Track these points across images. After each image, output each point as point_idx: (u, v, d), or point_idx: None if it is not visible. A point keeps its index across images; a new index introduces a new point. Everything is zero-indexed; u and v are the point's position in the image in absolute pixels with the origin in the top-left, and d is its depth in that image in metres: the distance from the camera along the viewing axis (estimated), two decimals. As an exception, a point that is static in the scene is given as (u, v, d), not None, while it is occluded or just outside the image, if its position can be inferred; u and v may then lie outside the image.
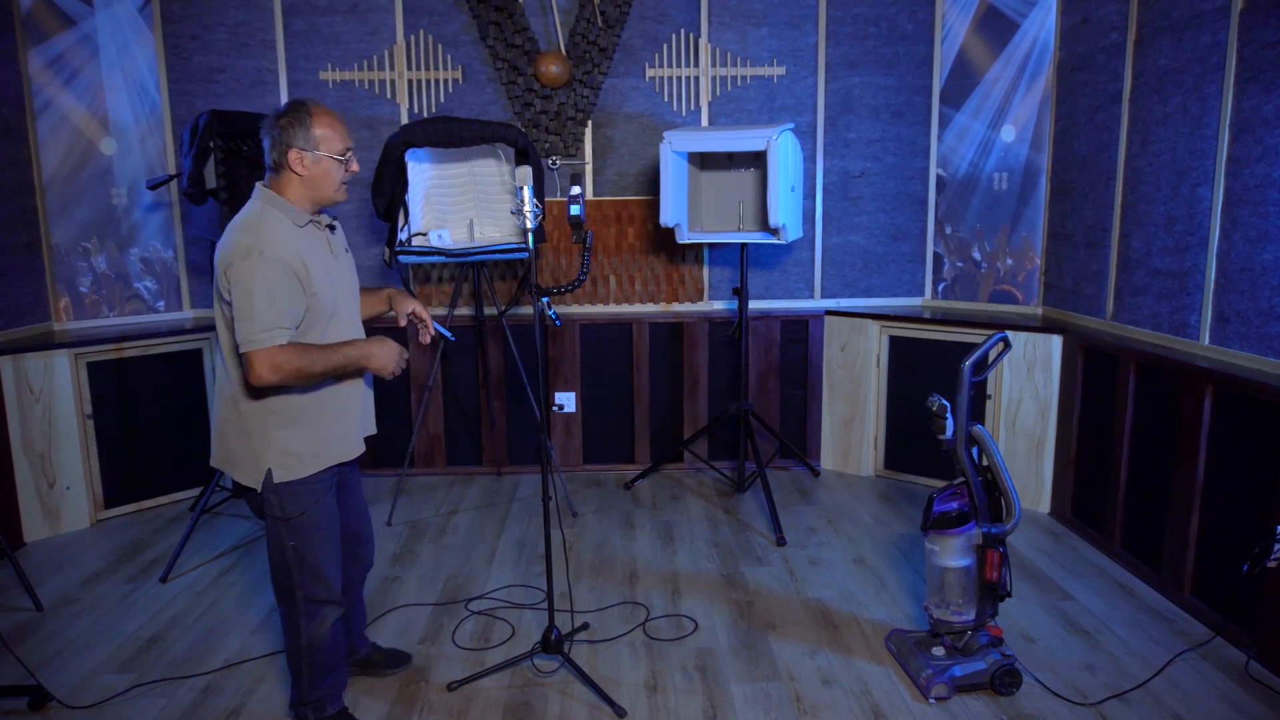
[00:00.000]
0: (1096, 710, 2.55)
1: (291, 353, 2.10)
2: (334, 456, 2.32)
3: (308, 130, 2.15)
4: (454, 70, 4.54)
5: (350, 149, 2.24)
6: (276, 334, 2.08)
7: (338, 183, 2.22)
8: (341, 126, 2.22)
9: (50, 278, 4.26)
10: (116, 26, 4.32)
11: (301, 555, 2.28)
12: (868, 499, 4.29)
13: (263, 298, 2.06)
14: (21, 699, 2.60)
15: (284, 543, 2.27)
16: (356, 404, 2.38)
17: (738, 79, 4.59)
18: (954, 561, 2.63)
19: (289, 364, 2.09)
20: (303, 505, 2.26)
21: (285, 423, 2.22)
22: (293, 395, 2.22)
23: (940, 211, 4.62)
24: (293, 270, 2.11)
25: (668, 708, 2.59)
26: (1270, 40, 2.88)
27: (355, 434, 2.40)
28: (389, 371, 2.28)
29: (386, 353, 2.27)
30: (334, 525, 2.35)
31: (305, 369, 2.12)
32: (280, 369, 2.08)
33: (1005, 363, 4.07)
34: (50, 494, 3.93)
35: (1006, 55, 4.29)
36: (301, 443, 2.24)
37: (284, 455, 2.22)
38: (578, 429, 4.74)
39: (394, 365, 2.29)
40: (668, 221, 3.96)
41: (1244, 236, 3.01)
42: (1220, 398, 2.97)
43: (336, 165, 2.20)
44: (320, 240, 2.26)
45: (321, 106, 2.21)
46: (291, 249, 2.13)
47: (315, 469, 2.27)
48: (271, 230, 2.12)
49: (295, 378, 2.12)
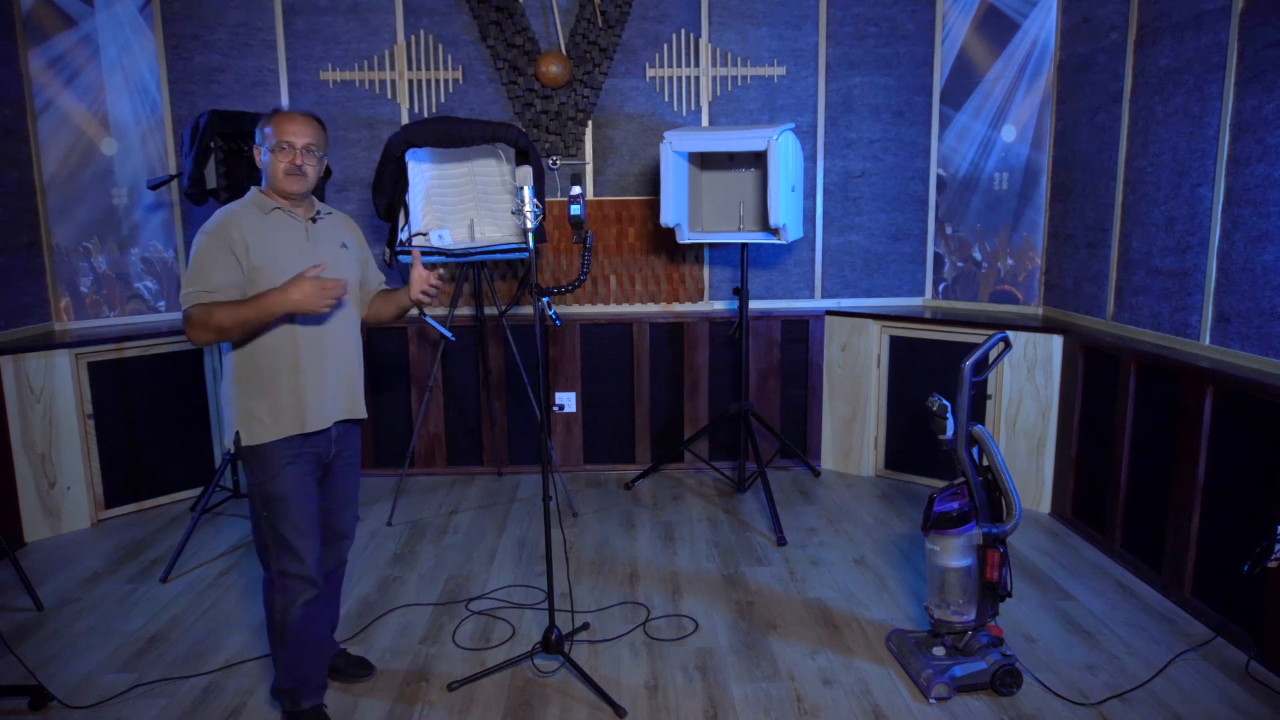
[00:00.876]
0: (1097, 710, 2.55)
1: (205, 310, 2.25)
2: (292, 426, 2.38)
3: (261, 129, 2.40)
4: (454, 70, 4.54)
5: (290, 141, 2.35)
6: (194, 296, 2.27)
7: (280, 173, 2.36)
8: (289, 125, 2.36)
9: (51, 278, 4.26)
10: (117, 26, 4.32)
11: (274, 525, 2.36)
12: (868, 499, 4.29)
13: (193, 269, 2.29)
14: (22, 699, 2.60)
15: (259, 510, 2.38)
16: (317, 376, 2.40)
17: (738, 79, 4.59)
18: (954, 561, 2.63)
19: (204, 318, 2.24)
20: (268, 471, 2.35)
21: (249, 389, 2.36)
22: (255, 364, 2.35)
23: (941, 211, 4.62)
24: (228, 244, 2.29)
25: (668, 708, 2.59)
26: (1270, 40, 2.88)
27: (318, 408, 2.41)
28: (314, 307, 2.27)
29: (301, 292, 2.25)
30: (307, 503, 2.40)
31: (217, 320, 2.24)
32: (196, 325, 2.25)
33: (1006, 363, 4.07)
34: (51, 494, 3.94)
35: (1007, 55, 4.29)
36: (261, 409, 2.35)
37: (249, 419, 2.36)
38: (578, 429, 4.74)
39: (315, 300, 2.26)
40: (668, 221, 3.96)
41: (1244, 236, 3.00)
42: (1221, 398, 2.97)
43: (273, 156, 2.37)
44: (292, 227, 2.41)
45: (284, 112, 2.41)
46: (235, 228, 2.32)
47: (275, 435, 2.36)
48: (225, 215, 2.35)
49: (215, 332, 2.26)
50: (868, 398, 4.56)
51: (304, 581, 2.39)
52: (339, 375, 2.47)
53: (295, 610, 2.39)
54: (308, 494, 2.42)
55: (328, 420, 2.45)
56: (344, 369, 2.49)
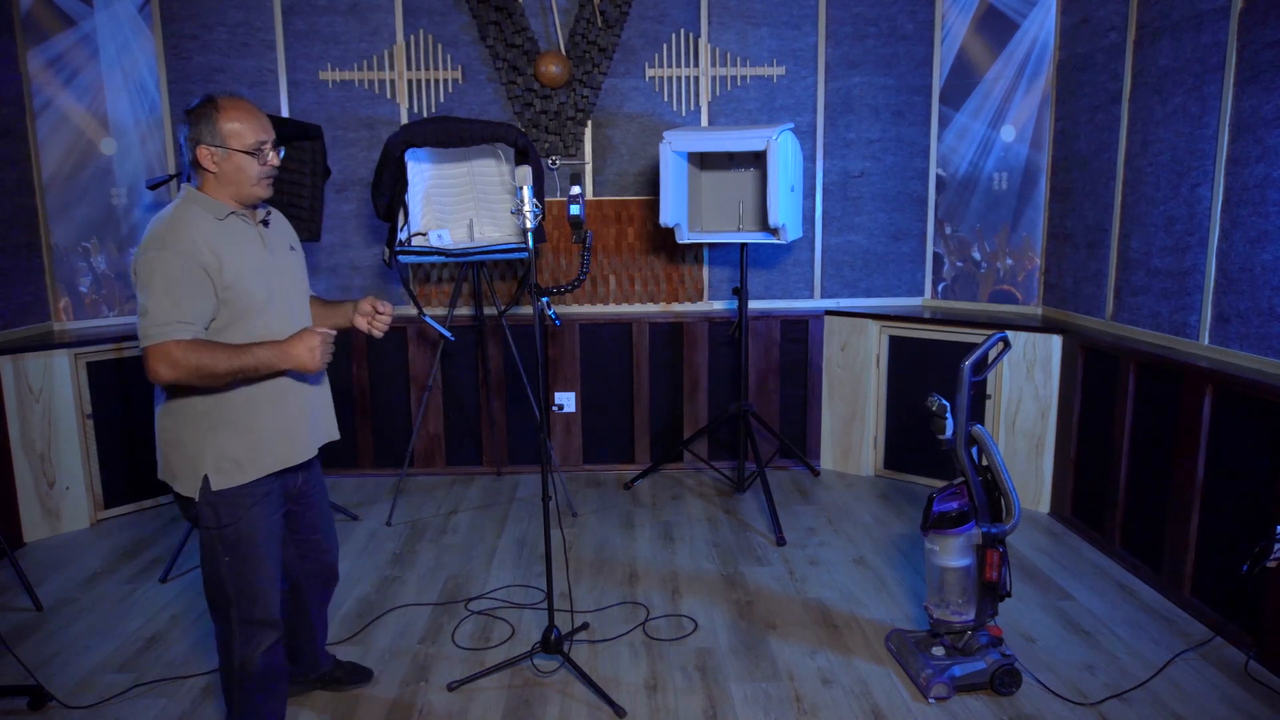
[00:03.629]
0: (1096, 710, 2.55)
1: (191, 349, 1.97)
2: (277, 461, 2.18)
3: (214, 125, 2.05)
4: (454, 70, 4.54)
5: (266, 142, 2.10)
6: (173, 328, 1.97)
7: (255, 178, 2.10)
8: (256, 119, 2.10)
9: (50, 278, 4.25)
10: (116, 26, 4.32)
11: (238, 571, 2.14)
12: (868, 499, 4.29)
13: (160, 292, 1.97)
14: (21, 699, 2.61)
15: (219, 557, 2.14)
16: (300, 403, 2.23)
17: (737, 79, 4.59)
18: (954, 561, 2.63)
19: (187, 360, 1.97)
20: (236, 514, 2.12)
21: (219, 425, 2.10)
22: (225, 395, 2.10)
23: (940, 211, 4.62)
24: (200, 264, 2.00)
25: (668, 708, 2.59)
26: (1270, 40, 2.88)
27: (301, 436, 2.24)
28: (312, 367, 2.11)
29: (304, 348, 2.09)
30: (273, 543, 2.21)
31: (207, 367, 1.99)
32: (178, 365, 1.96)
33: (1005, 362, 4.07)
34: (50, 494, 3.93)
35: (1006, 55, 4.29)
36: (239, 447, 2.11)
37: (221, 461, 2.10)
38: (578, 429, 4.74)
39: (315, 359, 2.10)
40: (668, 221, 3.96)
41: (1244, 236, 3.01)
42: (1220, 398, 2.97)
43: (249, 160, 2.08)
44: (248, 234, 2.15)
45: (235, 100, 2.09)
46: (202, 242, 2.02)
47: (256, 475, 2.13)
48: (182, 225, 2.03)
49: (196, 376, 1.99)
50: (867, 398, 4.56)
51: (268, 627, 2.20)
52: (318, 397, 2.30)
53: (258, 658, 2.19)
54: (275, 533, 2.21)
55: (313, 449, 2.27)
56: (321, 389, 2.32)
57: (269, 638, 2.21)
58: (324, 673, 2.69)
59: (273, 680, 2.26)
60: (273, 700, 2.28)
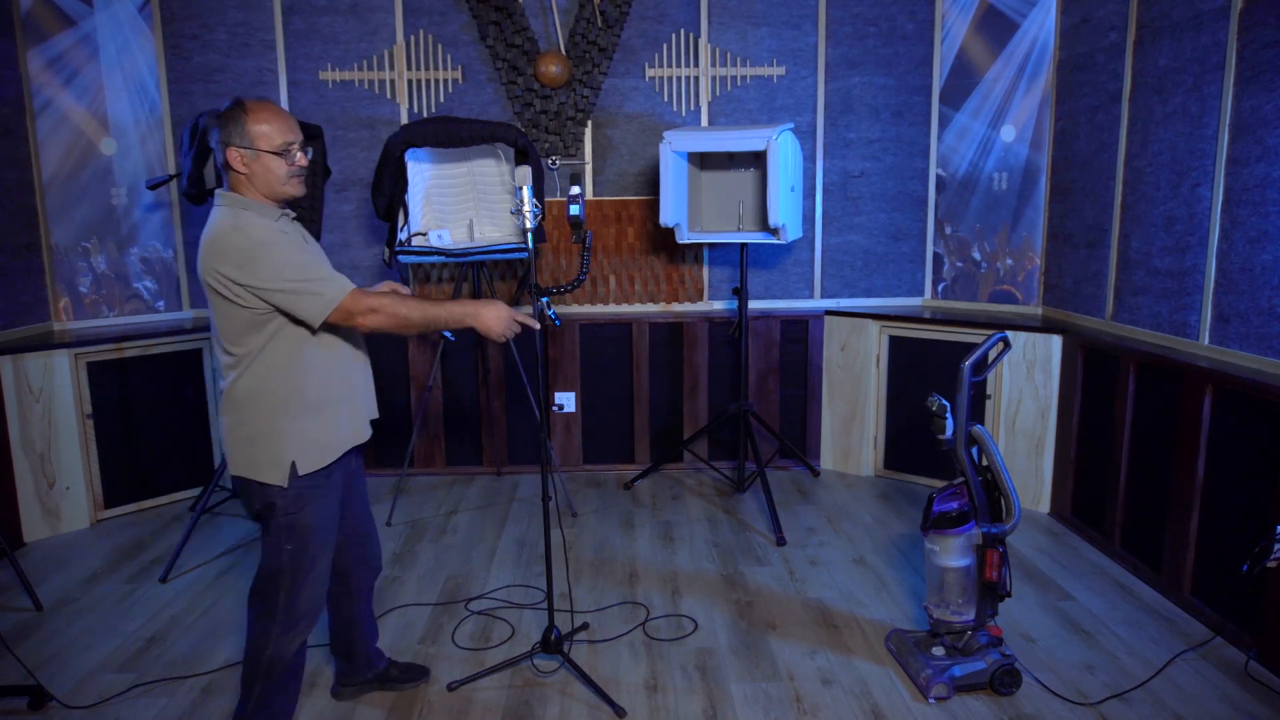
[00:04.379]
0: (1096, 710, 2.55)
1: (385, 299, 2.14)
2: (353, 438, 2.30)
3: (242, 127, 2.12)
4: (454, 70, 4.54)
5: (293, 142, 2.17)
6: (340, 284, 2.12)
7: (283, 177, 2.16)
8: (283, 120, 2.16)
9: (50, 278, 4.26)
10: (116, 26, 4.32)
11: (297, 560, 2.21)
12: (868, 499, 4.29)
13: (299, 272, 2.09)
14: (21, 699, 2.60)
15: (282, 546, 2.20)
16: (363, 379, 2.35)
17: (737, 79, 4.59)
18: (954, 561, 2.63)
19: (385, 308, 2.13)
20: (305, 500, 2.19)
21: (302, 410, 2.18)
22: (304, 381, 2.17)
23: (940, 211, 4.62)
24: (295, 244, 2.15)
25: (667, 708, 2.59)
26: (1270, 40, 2.88)
27: (364, 416, 2.36)
28: (498, 334, 2.25)
29: (495, 314, 2.24)
30: (330, 533, 2.29)
31: (405, 315, 2.15)
32: (379, 310, 2.13)
33: (1005, 363, 4.07)
34: (50, 494, 3.93)
35: (1006, 55, 4.29)
36: (320, 428, 2.20)
37: (307, 445, 2.18)
38: (577, 429, 4.74)
39: (504, 328, 2.25)
40: (667, 221, 3.96)
41: (1244, 236, 3.01)
42: (1220, 398, 2.97)
43: (277, 160, 2.14)
44: (295, 232, 2.25)
45: (262, 102, 2.16)
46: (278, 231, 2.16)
47: (336, 454, 2.24)
48: (253, 226, 2.12)
49: (395, 322, 2.15)
50: (867, 398, 4.56)
51: (309, 618, 2.27)
52: (369, 374, 2.39)
53: (291, 650, 2.25)
54: (332, 524, 2.30)
55: (369, 428, 2.35)
56: (368, 366, 2.41)
57: (306, 630, 2.28)
58: (379, 671, 2.68)
59: (295, 678, 2.33)
60: (288, 697, 2.34)
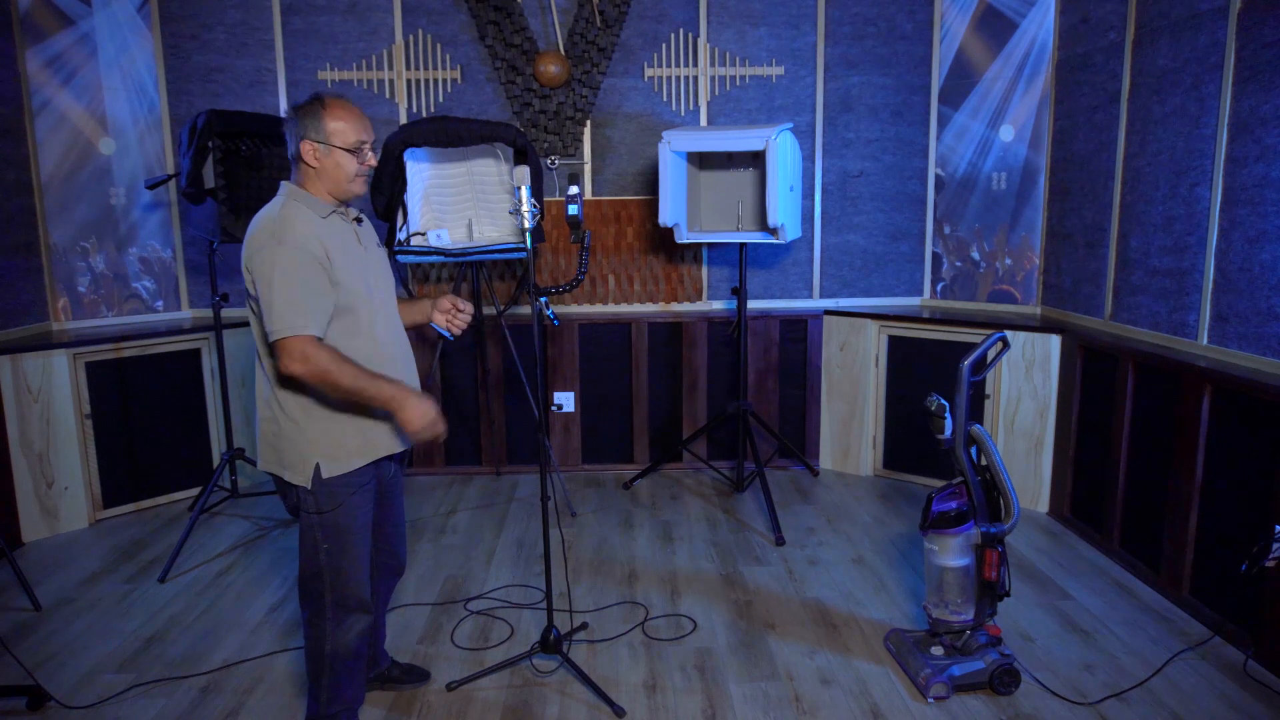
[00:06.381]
0: (1095, 710, 2.55)
1: (325, 351, 2.08)
2: (385, 448, 2.27)
3: (320, 122, 2.15)
4: (453, 70, 4.54)
5: (366, 142, 2.20)
6: (304, 323, 2.05)
7: (352, 175, 2.19)
8: (359, 119, 2.19)
9: (49, 277, 4.25)
10: (115, 26, 4.31)
11: (335, 558, 2.22)
12: (867, 499, 4.29)
13: (283, 286, 2.05)
14: (20, 699, 2.60)
15: (318, 545, 2.22)
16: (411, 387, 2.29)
17: (736, 79, 4.59)
18: (953, 561, 2.63)
19: (319, 361, 2.06)
20: (338, 501, 2.20)
21: (333, 415, 2.17)
22: None
23: (939, 211, 4.63)
24: (316, 258, 2.09)
25: (667, 707, 2.59)
26: (1269, 40, 2.89)
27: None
28: (415, 429, 2.15)
29: (421, 410, 2.14)
30: (367, 532, 2.30)
31: (333, 376, 2.07)
32: (309, 361, 2.05)
33: (1004, 362, 4.07)
34: (49, 494, 3.93)
35: (1005, 55, 4.30)
36: (350, 434, 2.19)
37: (333, 448, 2.18)
38: (576, 429, 4.74)
39: (424, 425, 2.15)
40: (667, 221, 3.96)
41: (1242, 236, 3.01)
42: (1219, 397, 2.97)
43: (348, 157, 2.17)
44: (346, 231, 2.24)
45: (340, 100, 2.19)
46: (313, 237, 2.11)
47: (364, 461, 2.22)
48: (292, 221, 2.12)
49: (322, 379, 2.07)
50: (866, 397, 4.56)
51: (361, 610, 2.29)
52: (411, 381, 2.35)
53: (351, 640, 2.28)
54: (368, 523, 2.29)
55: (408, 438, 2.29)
56: (412, 374, 2.38)
57: (361, 621, 2.30)
58: (381, 671, 2.69)
59: (359, 666, 2.35)
60: (355, 687, 2.36)
